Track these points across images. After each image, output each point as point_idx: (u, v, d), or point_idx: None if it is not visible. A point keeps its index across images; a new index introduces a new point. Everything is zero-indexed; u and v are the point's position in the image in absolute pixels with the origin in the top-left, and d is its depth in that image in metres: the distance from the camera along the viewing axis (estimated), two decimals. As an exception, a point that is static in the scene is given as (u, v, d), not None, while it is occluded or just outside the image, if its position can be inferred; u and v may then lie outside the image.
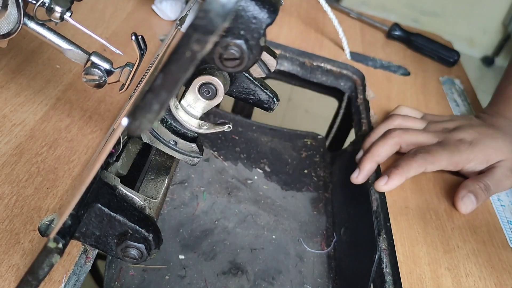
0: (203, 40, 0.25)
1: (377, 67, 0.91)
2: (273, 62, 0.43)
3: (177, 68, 0.26)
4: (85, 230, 0.40)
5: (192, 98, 0.45)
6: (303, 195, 0.76)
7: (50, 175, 0.51)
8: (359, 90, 0.86)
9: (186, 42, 0.25)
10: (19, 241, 0.45)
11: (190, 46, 0.25)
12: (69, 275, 0.44)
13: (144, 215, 0.41)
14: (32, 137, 0.54)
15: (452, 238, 0.60)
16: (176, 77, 0.26)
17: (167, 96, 0.27)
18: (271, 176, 0.78)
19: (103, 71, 0.41)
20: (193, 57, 0.26)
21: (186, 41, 0.25)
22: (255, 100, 0.49)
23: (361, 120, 0.79)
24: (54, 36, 0.41)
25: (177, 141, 0.46)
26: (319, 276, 0.65)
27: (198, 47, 0.25)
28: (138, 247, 0.40)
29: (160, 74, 0.26)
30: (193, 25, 0.25)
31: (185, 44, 0.26)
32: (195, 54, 0.26)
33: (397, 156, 0.67)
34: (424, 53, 0.99)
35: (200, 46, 0.25)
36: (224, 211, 0.69)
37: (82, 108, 0.61)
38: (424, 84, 0.91)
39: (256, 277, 0.62)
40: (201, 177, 0.73)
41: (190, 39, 0.25)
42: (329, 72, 0.89)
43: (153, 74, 0.42)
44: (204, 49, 0.26)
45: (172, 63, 0.26)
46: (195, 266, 0.61)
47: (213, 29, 0.25)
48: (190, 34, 0.25)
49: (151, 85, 0.27)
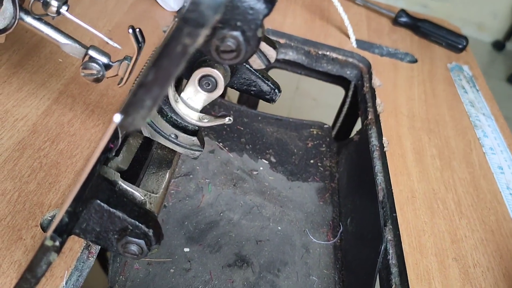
0: (194, 34, 0.25)
1: (383, 55, 0.90)
2: (273, 53, 0.43)
3: (169, 63, 0.26)
4: (85, 226, 0.40)
5: (192, 90, 0.44)
6: (309, 186, 0.76)
7: (52, 170, 0.51)
8: (365, 78, 0.85)
9: (177, 36, 0.25)
10: (21, 237, 0.45)
11: (181, 40, 0.25)
12: (71, 271, 0.44)
13: (144, 210, 0.41)
14: (34, 131, 0.54)
15: (459, 228, 0.59)
16: (168, 72, 0.26)
17: (159, 91, 0.26)
18: (276, 167, 0.77)
19: (101, 65, 0.41)
20: (184, 51, 0.25)
21: (177, 35, 0.25)
22: (257, 91, 0.49)
23: (367, 109, 0.78)
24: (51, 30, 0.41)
25: (177, 134, 0.45)
26: (325, 267, 0.64)
27: (190, 40, 0.25)
28: (138, 242, 0.39)
29: (152, 69, 0.26)
30: (184, 18, 0.24)
31: (176, 38, 0.25)
32: (187, 48, 0.25)
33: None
34: (431, 39, 0.97)
35: (191, 39, 0.25)
36: (229, 203, 0.68)
37: (85, 102, 0.60)
38: (432, 71, 0.89)
39: (262, 269, 0.62)
40: (206, 169, 0.72)
41: (181, 33, 0.25)
42: (334, 61, 0.88)
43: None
44: (196, 43, 0.25)
45: (163, 58, 0.26)
46: (200, 258, 0.61)
47: (204, 22, 0.24)
48: (181, 28, 0.25)
49: (142, 80, 0.26)
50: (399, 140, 0.70)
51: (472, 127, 0.78)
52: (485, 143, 0.74)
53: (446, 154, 0.70)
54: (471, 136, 0.75)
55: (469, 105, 0.82)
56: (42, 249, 0.34)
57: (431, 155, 0.69)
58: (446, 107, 0.81)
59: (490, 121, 0.80)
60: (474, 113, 0.80)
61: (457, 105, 0.82)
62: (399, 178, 0.64)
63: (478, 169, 0.69)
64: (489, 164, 0.71)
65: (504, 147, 0.75)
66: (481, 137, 0.75)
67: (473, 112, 0.81)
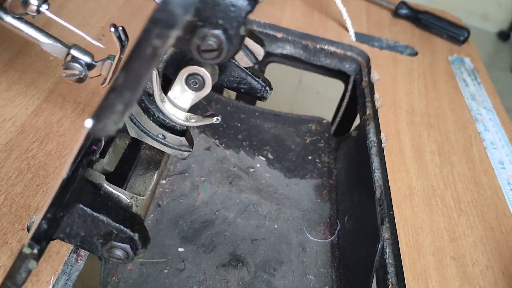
0: (164, 35, 0.23)
1: (383, 48, 0.88)
2: (261, 50, 0.41)
3: (139, 66, 0.24)
4: (69, 231, 0.39)
5: (179, 90, 0.43)
6: (307, 183, 0.74)
7: (40, 171, 0.50)
8: (364, 72, 0.84)
9: (146, 38, 0.24)
10: (6, 241, 0.44)
11: (150, 41, 0.24)
12: (58, 275, 0.43)
13: (130, 213, 0.40)
14: (22, 132, 0.53)
15: (458, 225, 0.58)
16: (139, 75, 0.25)
17: (131, 95, 0.25)
18: (274, 164, 0.76)
19: (84, 65, 0.40)
20: (154, 53, 0.24)
21: (146, 36, 0.24)
22: (247, 89, 0.47)
23: (366, 104, 0.77)
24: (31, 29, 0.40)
25: (165, 135, 0.44)
26: (322, 266, 0.63)
27: (159, 42, 0.24)
28: (123, 247, 0.38)
29: (122, 73, 0.25)
30: (153, 19, 0.23)
31: (145, 40, 0.24)
32: (157, 50, 0.24)
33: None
34: (432, 31, 0.95)
35: (161, 41, 0.24)
36: (225, 201, 0.67)
37: (75, 100, 0.59)
38: (432, 64, 0.88)
39: (257, 268, 0.61)
40: (202, 167, 0.71)
41: (150, 34, 0.24)
42: (333, 55, 0.87)
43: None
44: (166, 44, 0.24)
45: (133, 60, 0.24)
46: (194, 258, 0.60)
47: (174, 22, 0.23)
48: (150, 29, 0.23)
49: (113, 84, 0.25)
50: (398, 135, 0.69)
51: (473, 121, 0.76)
52: (486, 138, 0.73)
53: (446, 149, 0.69)
54: (472, 131, 0.74)
55: (470, 98, 0.81)
56: (20, 257, 0.34)
57: (430, 150, 0.68)
58: (447, 101, 0.79)
59: (492, 115, 0.78)
60: (475, 107, 0.79)
61: (457, 99, 0.80)
62: (397, 175, 0.63)
63: (478, 164, 0.68)
64: (489, 159, 0.69)
65: (506, 141, 0.73)
66: (482, 131, 0.74)
67: (474, 105, 0.79)
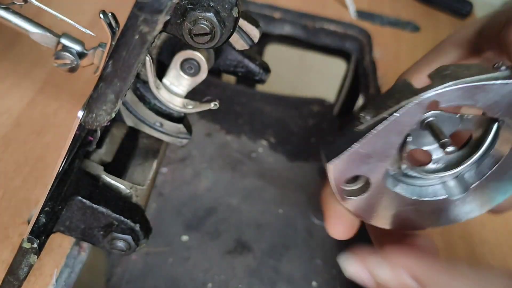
0: (151, 20, 0.22)
1: (384, 25, 0.86)
2: (256, 32, 0.40)
3: (128, 53, 0.23)
4: (69, 224, 0.38)
5: (174, 75, 0.42)
6: (311, 166, 0.73)
7: (38, 164, 0.49)
8: (366, 50, 0.82)
9: (133, 24, 0.23)
10: (8, 235, 0.43)
11: (138, 28, 0.23)
12: (61, 268, 0.43)
13: (130, 204, 0.39)
14: (18, 125, 0.52)
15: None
16: (128, 63, 0.24)
17: (122, 84, 0.24)
18: (276, 148, 0.75)
19: (75, 54, 0.38)
20: (143, 39, 0.23)
21: (133, 23, 0.22)
22: (245, 72, 0.46)
23: (368, 83, 0.75)
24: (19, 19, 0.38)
25: (162, 122, 0.43)
26: (330, 250, 0.63)
27: (147, 28, 0.23)
28: (125, 238, 0.38)
29: (110, 61, 0.24)
30: (138, 4, 0.22)
31: (132, 26, 0.23)
32: (145, 36, 0.23)
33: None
34: (435, 5, 0.93)
35: (149, 27, 0.22)
36: (227, 187, 0.67)
37: (71, 90, 0.58)
38: (435, 39, 0.85)
39: (263, 254, 0.60)
40: (203, 153, 0.70)
41: (137, 20, 0.22)
42: (333, 34, 0.85)
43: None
44: (155, 30, 0.23)
45: (120, 48, 0.23)
46: (199, 246, 0.59)
47: (161, 7, 0.22)
48: (136, 15, 0.22)
49: (102, 73, 0.24)
50: (402, 114, 0.68)
51: (478, 97, 0.74)
52: (492, 113, 0.71)
53: (451, 126, 0.67)
54: (477, 107, 0.72)
55: (474, 73, 0.79)
56: (21, 251, 0.33)
57: (435, 128, 0.67)
58: (451, 77, 0.77)
59: (497, 90, 0.76)
60: (480, 82, 0.77)
61: (462, 74, 0.78)
62: (401, 154, 0.62)
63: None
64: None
65: None
66: (488, 107, 0.72)
67: (479, 81, 0.77)
